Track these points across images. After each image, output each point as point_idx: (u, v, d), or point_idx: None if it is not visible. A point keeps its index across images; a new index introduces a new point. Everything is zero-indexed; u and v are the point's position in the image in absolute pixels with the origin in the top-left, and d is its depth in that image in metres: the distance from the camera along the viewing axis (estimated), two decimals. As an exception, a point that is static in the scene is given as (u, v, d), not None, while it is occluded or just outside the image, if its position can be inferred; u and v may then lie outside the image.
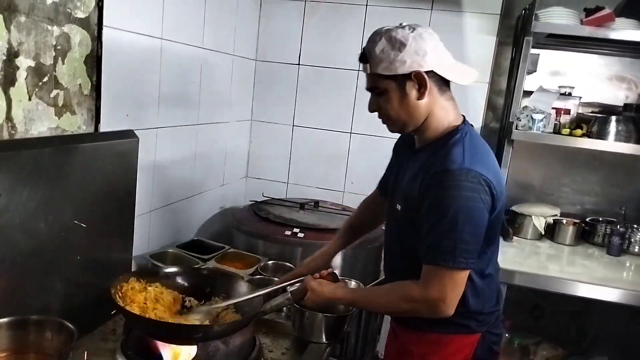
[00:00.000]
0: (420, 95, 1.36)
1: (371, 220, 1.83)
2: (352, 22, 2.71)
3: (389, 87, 1.37)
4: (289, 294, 1.54)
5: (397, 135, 2.70)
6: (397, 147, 1.68)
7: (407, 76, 1.34)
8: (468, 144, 1.36)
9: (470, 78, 1.41)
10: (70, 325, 1.24)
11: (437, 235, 1.30)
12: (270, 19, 2.82)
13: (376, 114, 1.45)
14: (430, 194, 1.32)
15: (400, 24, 1.38)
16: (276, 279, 1.85)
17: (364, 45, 1.41)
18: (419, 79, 1.34)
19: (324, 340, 1.60)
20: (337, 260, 2.15)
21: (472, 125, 1.45)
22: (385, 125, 1.47)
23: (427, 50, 1.33)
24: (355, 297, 1.53)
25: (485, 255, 1.41)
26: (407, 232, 1.44)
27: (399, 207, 1.46)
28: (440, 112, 1.40)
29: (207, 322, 1.42)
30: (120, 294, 1.40)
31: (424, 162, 1.39)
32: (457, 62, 1.42)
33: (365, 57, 1.39)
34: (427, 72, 1.34)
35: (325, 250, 1.77)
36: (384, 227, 1.65)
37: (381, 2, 2.66)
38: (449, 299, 1.31)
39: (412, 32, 1.34)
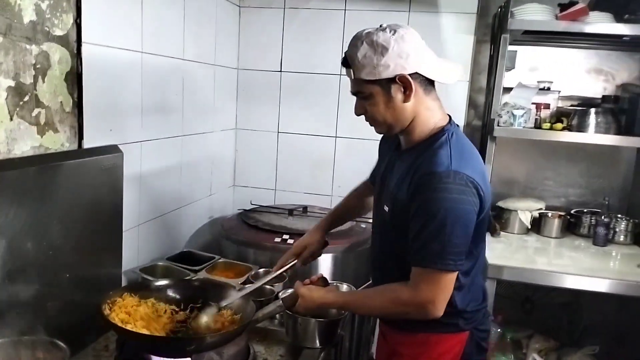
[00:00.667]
0: (406, 98, 1.36)
1: (359, 206, 1.89)
2: (332, 27, 2.72)
3: (374, 92, 1.37)
4: (280, 301, 1.54)
5: (380, 137, 2.73)
6: (381, 145, 1.70)
7: (392, 80, 1.34)
8: (454, 146, 1.36)
9: (455, 75, 1.42)
10: (62, 343, 1.24)
11: (426, 237, 1.30)
12: (250, 28, 2.83)
13: (360, 116, 1.46)
14: (418, 197, 1.32)
15: (381, 26, 1.37)
16: (268, 286, 1.86)
17: (345, 49, 1.40)
18: (404, 82, 1.34)
19: (318, 345, 1.60)
20: (329, 263, 2.17)
21: (457, 125, 1.46)
22: (372, 127, 1.48)
23: (409, 52, 1.32)
24: (345, 301, 1.54)
25: (472, 255, 1.42)
26: (394, 234, 1.44)
27: (386, 208, 1.47)
28: (426, 113, 1.40)
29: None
30: (110, 309, 1.40)
31: (410, 164, 1.39)
32: (440, 59, 1.41)
33: (348, 62, 1.38)
34: (411, 74, 1.33)
35: (317, 228, 1.82)
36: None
37: (359, 6, 2.68)
38: (439, 300, 1.33)
39: (393, 34, 1.33)
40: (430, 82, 1.40)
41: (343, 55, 1.41)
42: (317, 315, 1.59)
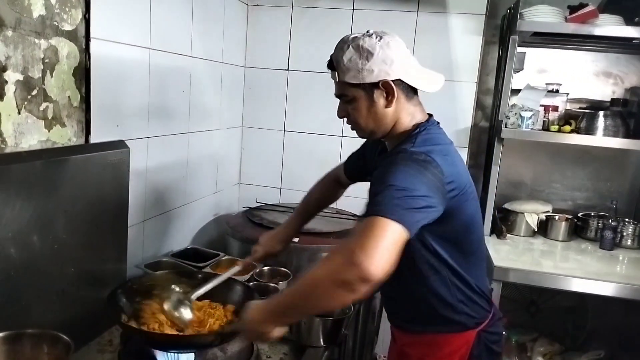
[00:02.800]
0: (388, 104, 1.37)
1: (331, 198, 1.91)
2: (340, 26, 2.72)
3: (357, 96, 1.38)
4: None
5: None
6: (366, 144, 1.72)
7: (375, 85, 1.35)
8: (422, 135, 1.36)
9: (437, 85, 1.42)
10: (66, 337, 1.24)
11: (374, 195, 1.20)
12: (257, 26, 2.83)
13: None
14: (375, 174, 1.29)
15: (367, 32, 1.38)
16: (272, 284, 1.86)
17: (330, 57, 1.42)
18: (387, 88, 1.35)
19: (322, 344, 1.60)
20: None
21: (437, 123, 1.45)
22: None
23: (394, 59, 1.34)
24: (279, 300, 1.28)
25: (465, 250, 1.42)
26: None
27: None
28: (406, 118, 1.41)
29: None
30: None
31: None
32: (423, 68, 1.43)
33: (333, 64, 1.40)
34: (394, 81, 1.35)
35: (283, 230, 1.84)
36: None
37: (368, 6, 2.68)
38: (370, 247, 1.07)
39: (379, 40, 1.34)
40: (413, 89, 1.41)
41: (329, 58, 1.42)
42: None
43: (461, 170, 1.38)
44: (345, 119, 1.46)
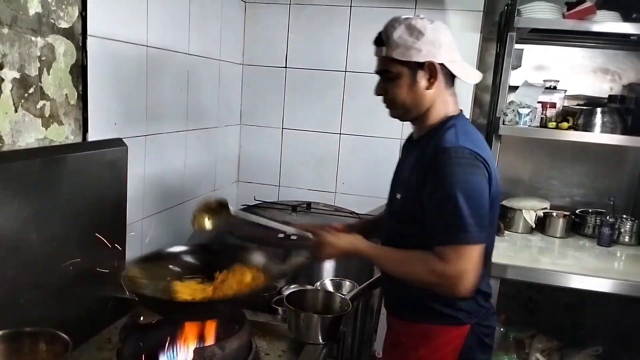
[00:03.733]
0: (429, 85, 1.42)
1: None
2: (337, 23, 2.72)
3: (401, 72, 1.42)
4: (305, 252, 1.54)
5: (388, 134, 2.73)
6: (403, 147, 1.72)
7: (420, 65, 1.40)
8: (460, 128, 1.42)
9: (476, 78, 1.48)
10: (64, 335, 1.23)
11: (445, 216, 1.33)
12: (255, 23, 2.82)
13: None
14: (430, 176, 1.36)
15: (418, 16, 1.43)
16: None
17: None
18: (431, 69, 1.40)
19: (321, 341, 1.60)
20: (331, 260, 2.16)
21: (468, 119, 1.52)
22: (387, 110, 1.52)
23: (442, 44, 1.40)
24: (375, 253, 1.50)
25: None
26: (406, 221, 1.47)
27: (398, 196, 1.50)
28: (441, 104, 1.46)
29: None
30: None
31: (421, 151, 1.44)
32: (464, 61, 1.48)
33: (382, 40, 1.43)
34: (438, 64, 1.40)
35: (348, 223, 1.86)
36: None
37: (365, 3, 2.67)
38: (469, 274, 1.31)
39: (431, 23, 1.40)
40: (452, 78, 1.46)
41: (377, 34, 1.46)
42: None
43: (494, 165, 1.44)
44: (382, 97, 1.50)
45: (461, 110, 1.51)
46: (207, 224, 1.61)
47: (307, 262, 1.57)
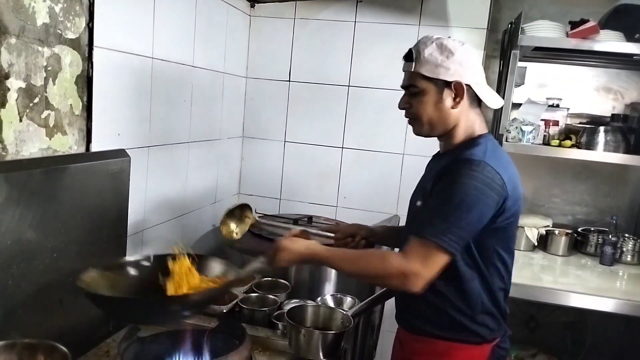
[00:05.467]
0: (455, 105, 1.44)
1: None
2: (342, 38, 2.73)
3: (427, 89, 1.44)
4: (262, 258, 1.52)
5: (390, 149, 2.73)
6: (429, 161, 1.72)
7: (448, 83, 1.42)
8: (490, 146, 1.43)
9: (498, 103, 1.49)
10: (63, 347, 1.22)
11: (436, 213, 1.33)
12: (260, 36, 2.84)
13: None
14: (445, 178, 1.37)
15: (449, 37, 1.46)
16: (271, 295, 1.85)
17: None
18: (457, 89, 1.42)
19: (321, 357, 1.58)
20: (332, 274, 2.15)
21: (496, 140, 1.52)
22: (410, 127, 1.54)
23: (470, 65, 1.42)
24: (331, 254, 1.47)
25: (502, 259, 1.44)
26: None
27: (419, 203, 1.50)
28: (466, 124, 1.47)
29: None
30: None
31: (447, 162, 1.44)
32: (488, 86, 1.50)
33: (411, 55, 1.45)
34: (465, 85, 1.42)
35: (372, 228, 1.86)
36: None
37: (370, 19, 2.69)
38: (423, 275, 1.31)
39: (462, 45, 1.43)
40: (477, 100, 1.47)
41: (407, 50, 1.48)
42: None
43: (518, 187, 1.43)
44: (405, 111, 1.51)
45: (489, 131, 1.53)
46: (234, 228, 1.88)
47: (264, 267, 1.54)
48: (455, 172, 1.34)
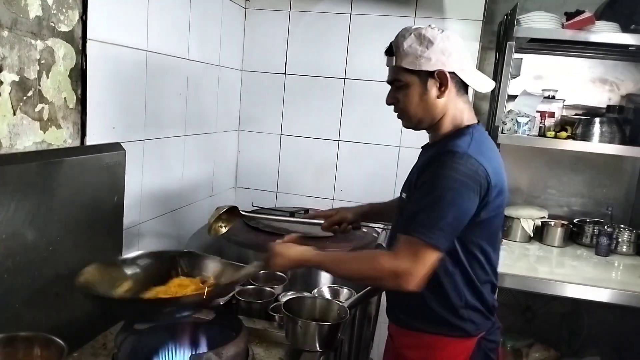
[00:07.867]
0: (440, 94, 1.41)
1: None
2: (337, 30, 2.72)
3: (411, 82, 1.42)
4: (258, 262, 1.54)
5: (386, 141, 2.73)
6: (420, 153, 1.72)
7: (430, 74, 1.40)
8: (476, 138, 1.40)
9: (488, 86, 1.47)
10: (59, 340, 1.22)
11: (420, 207, 1.33)
12: (255, 29, 2.83)
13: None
14: (428, 171, 1.36)
15: (430, 25, 1.44)
16: (268, 287, 1.85)
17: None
18: (441, 78, 1.39)
19: (318, 348, 1.58)
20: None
21: (484, 129, 1.51)
22: (400, 120, 1.52)
23: (452, 52, 1.39)
24: (323, 259, 1.48)
25: (483, 251, 1.44)
26: None
27: (404, 195, 1.50)
28: (455, 112, 1.45)
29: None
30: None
31: (432, 154, 1.43)
32: (476, 70, 1.48)
33: (392, 50, 1.44)
34: (449, 73, 1.39)
35: (358, 207, 1.88)
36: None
37: (365, 11, 2.68)
38: (416, 273, 1.30)
39: (441, 32, 1.40)
40: (464, 86, 1.46)
41: (388, 44, 1.46)
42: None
43: (503, 178, 1.43)
44: (393, 106, 1.50)
45: (478, 120, 1.51)
46: (222, 230, 1.91)
47: (258, 272, 1.58)
48: (438, 165, 1.33)
